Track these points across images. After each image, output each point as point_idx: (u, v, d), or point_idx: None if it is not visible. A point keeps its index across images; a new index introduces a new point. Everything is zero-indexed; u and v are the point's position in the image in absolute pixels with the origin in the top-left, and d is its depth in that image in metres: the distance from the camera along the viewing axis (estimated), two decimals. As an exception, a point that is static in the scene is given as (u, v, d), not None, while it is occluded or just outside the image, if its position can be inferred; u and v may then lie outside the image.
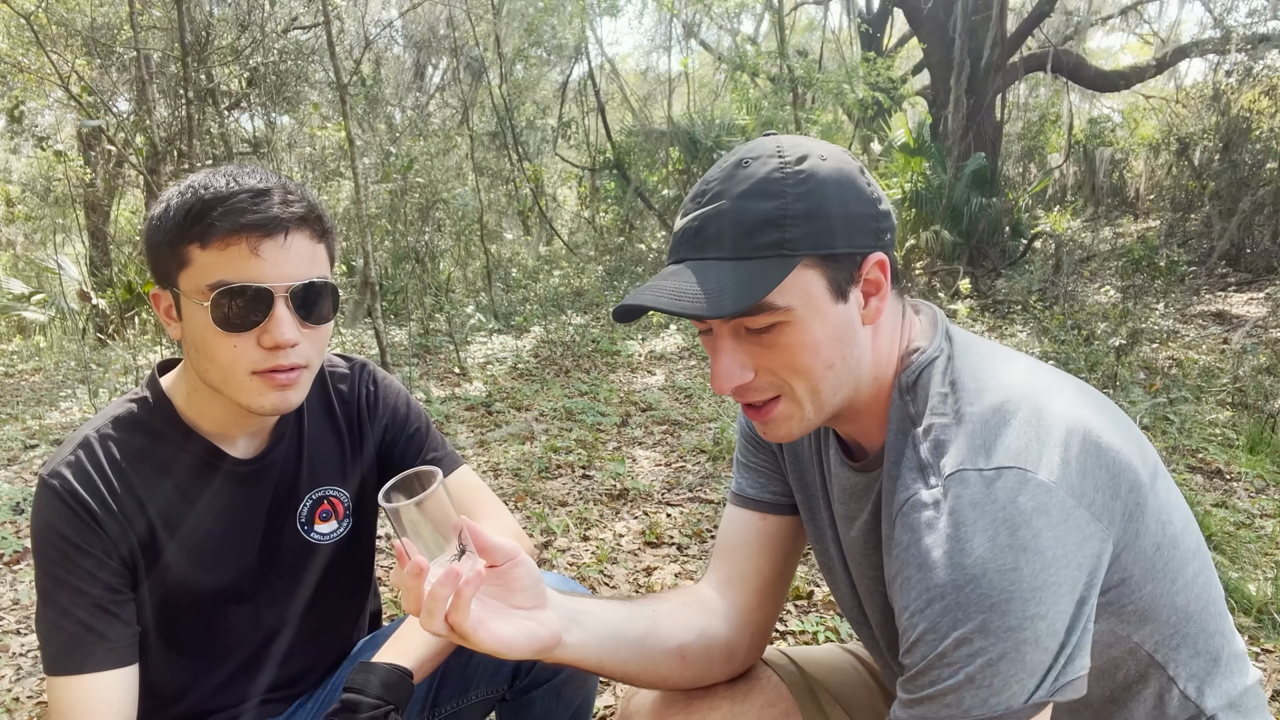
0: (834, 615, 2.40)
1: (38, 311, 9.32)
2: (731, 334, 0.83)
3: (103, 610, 1.03)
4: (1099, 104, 15.86)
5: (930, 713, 0.73)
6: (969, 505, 0.73)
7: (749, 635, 1.06)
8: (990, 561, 0.70)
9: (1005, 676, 0.70)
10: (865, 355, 0.85)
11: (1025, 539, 0.71)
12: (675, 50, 14.22)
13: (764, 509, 1.08)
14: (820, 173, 0.81)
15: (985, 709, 0.71)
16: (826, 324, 0.81)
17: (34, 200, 12.71)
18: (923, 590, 0.73)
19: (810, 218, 0.79)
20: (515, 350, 7.13)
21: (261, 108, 9.36)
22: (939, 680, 0.72)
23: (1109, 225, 12.00)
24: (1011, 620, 0.69)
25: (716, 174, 0.83)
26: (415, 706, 1.22)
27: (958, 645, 0.71)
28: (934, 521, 0.75)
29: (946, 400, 0.82)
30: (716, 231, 0.81)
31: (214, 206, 0.96)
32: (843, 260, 0.81)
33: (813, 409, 0.85)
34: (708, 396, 5.24)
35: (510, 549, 0.84)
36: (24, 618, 2.55)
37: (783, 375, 0.83)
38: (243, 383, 1.02)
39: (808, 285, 0.80)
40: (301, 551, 1.20)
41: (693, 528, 3.13)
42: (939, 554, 0.73)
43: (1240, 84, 9.94)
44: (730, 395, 0.85)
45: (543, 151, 14.05)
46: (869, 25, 12.43)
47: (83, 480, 1.03)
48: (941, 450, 0.78)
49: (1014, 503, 0.72)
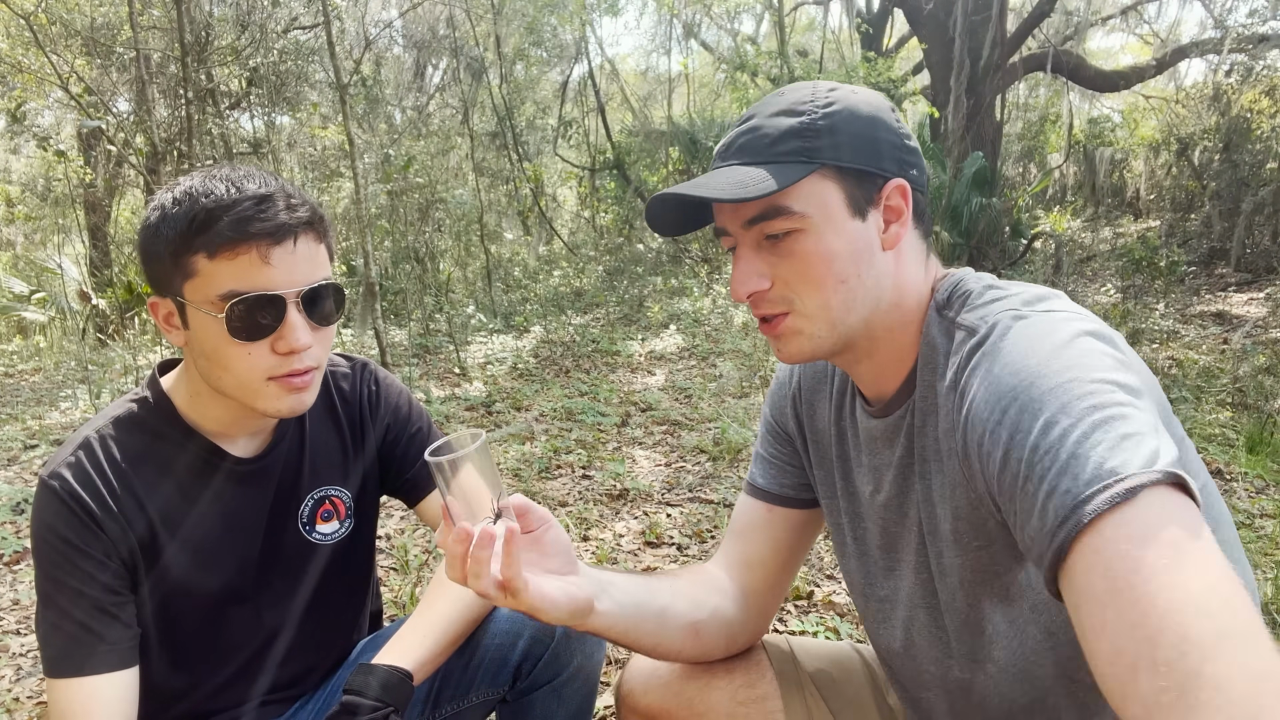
0: (834, 615, 2.40)
1: (38, 311, 9.32)
2: (753, 242, 0.87)
3: (102, 612, 1.02)
4: (1099, 104, 15.86)
5: (1056, 506, 0.65)
6: (1020, 327, 0.76)
7: (753, 618, 1.10)
8: (1054, 357, 0.71)
9: (1108, 443, 0.64)
10: (885, 280, 0.87)
11: (1083, 344, 0.72)
12: (675, 50, 14.22)
13: (773, 500, 1.10)
14: (848, 100, 0.86)
15: (1101, 475, 0.63)
16: (841, 238, 0.85)
17: (34, 200, 12.71)
18: (995, 404, 0.73)
19: (832, 132, 0.84)
20: (515, 350, 7.12)
21: (261, 108, 9.36)
22: (1046, 473, 0.66)
23: (1109, 225, 12.01)
24: (1092, 399, 0.67)
25: (760, 103, 0.90)
26: (415, 708, 1.22)
27: (1046, 431, 0.67)
28: (990, 351, 0.77)
29: (988, 291, 0.85)
30: (745, 143, 0.87)
31: (219, 216, 0.95)
32: (863, 179, 0.85)
33: (824, 326, 0.87)
34: (708, 397, 5.24)
35: (543, 513, 0.86)
36: (24, 618, 2.55)
37: (795, 286, 0.86)
38: (260, 389, 1.02)
39: (825, 196, 0.84)
40: (302, 551, 1.20)
41: (693, 528, 3.13)
42: (999, 369, 0.74)
43: (1240, 84, 9.94)
44: (747, 304, 0.89)
45: (543, 151, 14.06)
46: (869, 25, 12.43)
47: (83, 481, 1.03)
48: (984, 316, 0.81)
49: (1065, 322, 0.75)
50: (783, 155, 0.84)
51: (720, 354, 6.55)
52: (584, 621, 0.87)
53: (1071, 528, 0.62)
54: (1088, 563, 0.62)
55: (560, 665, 1.20)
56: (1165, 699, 0.54)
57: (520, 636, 1.19)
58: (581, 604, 0.85)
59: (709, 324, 7.78)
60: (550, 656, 1.19)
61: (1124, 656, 0.57)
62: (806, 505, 1.10)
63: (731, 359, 6.27)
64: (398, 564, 2.84)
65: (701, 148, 11.76)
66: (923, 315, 0.89)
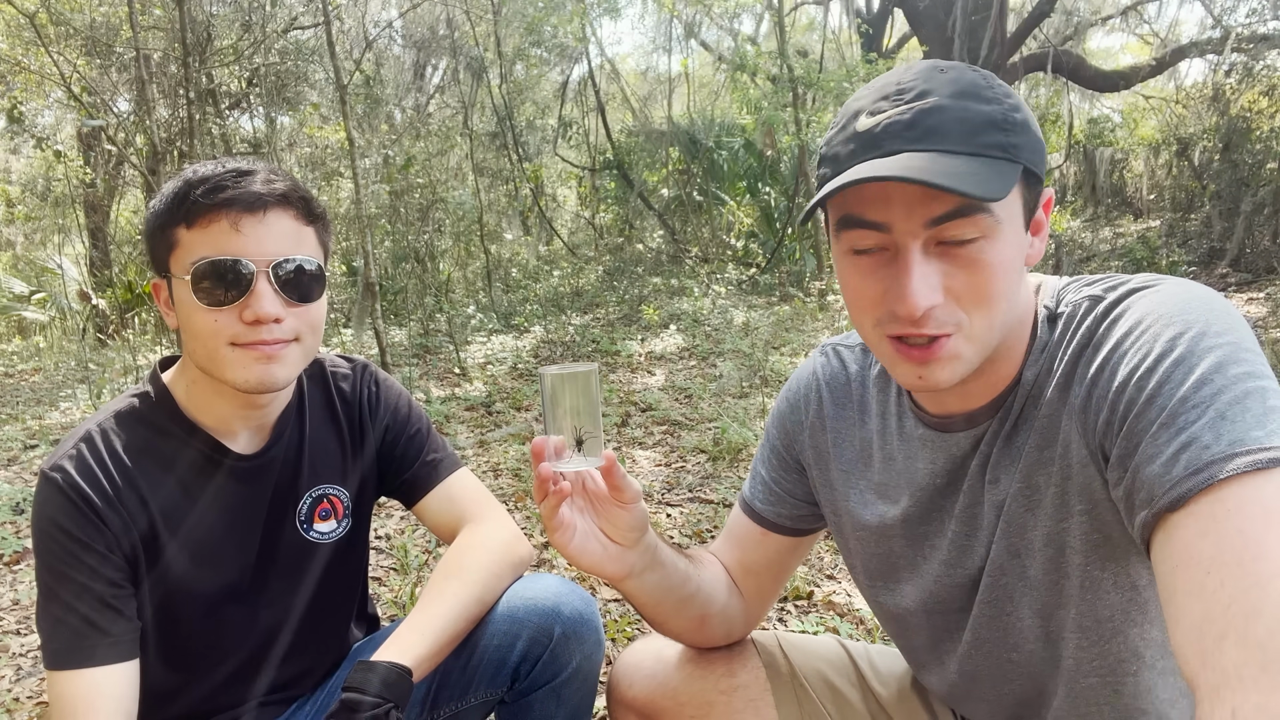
0: (834, 615, 2.40)
1: (38, 311, 9.32)
2: (923, 248, 0.74)
3: (105, 605, 1.03)
4: (1099, 104, 15.84)
5: (1190, 457, 0.64)
6: (1164, 286, 0.74)
7: (745, 618, 1.14)
8: (1212, 315, 0.69)
9: (1256, 412, 0.63)
10: (1021, 300, 0.80)
11: (1235, 313, 0.71)
12: (675, 50, 14.22)
13: (769, 527, 1.10)
14: (1014, 93, 0.77)
15: (1247, 440, 0.62)
16: (1016, 250, 0.76)
17: (34, 200, 12.71)
18: (1147, 349, 0.70)
19: (1025, 129, 0.74)
20: (515, 350, 7.12)
21: (262, 108, 9.36)
22: (1189, 425, 0.65)
23: (1109, 225, 12.01)
24: (1247, 365, 0.66)
25: (911, 76, 0.76)
26: (414, 709, 1.22)
27: (1199, 386, 0.65)
28: (1131, 306, 0.74)
29: (1097, 283, 0.81)
30: (938, 124, 0.72)
31: (198, 186, 0.99)
32: (1034, 187, 0.77)
33: (980, 350, 0.78)
34: (708, 397, 5.24)
35: (630, 494, 0.89)
36: (24, 618, 2.55)
37: (968, 303, 0.75)
38: (225, 355, 1.02)
39: (1013, 202, 0.75)
40: (300, 550, 1.20)
41: (693, 528, 3.13)
42: (1150, 319, 0.71)
43: (1240, 84, 9.93)
44: (908, 324, 0.75)
45: (543, 151, 14.04)
46: (869, 25, 12.42)
47: (85, 474, 1.03)
48: (1110, 287, 0.78)
49: (1211, 291, 0.73)
50: (988, 148, 0.72)
51: (720, 354, 6.55)
52: (613, 584, 0.96)
53: (1202, 480, 0.62)
54: (1202, 526, 0.61)
55: (559, 665, 1.20)
56: (1246, 673, 0.54)
57: (519, 637, 1.18)
58: (608, 575, 0.93)
59: (709, 324, 7.78)
60: (549, 657, 1.19)
61: (1214, 625, 0.57)
62: (800, 534, 1.11)
63: (731, 359, 6.26)
64: (398, 564, 2.84)
65: (701, 148, 11.75)
66: (1031, 330, 0.83)
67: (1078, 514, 0.79)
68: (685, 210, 12.31)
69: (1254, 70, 9.73)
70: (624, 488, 0.88)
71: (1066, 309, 0.81)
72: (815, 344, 6.61)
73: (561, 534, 0.88)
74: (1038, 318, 0.83)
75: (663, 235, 12.50)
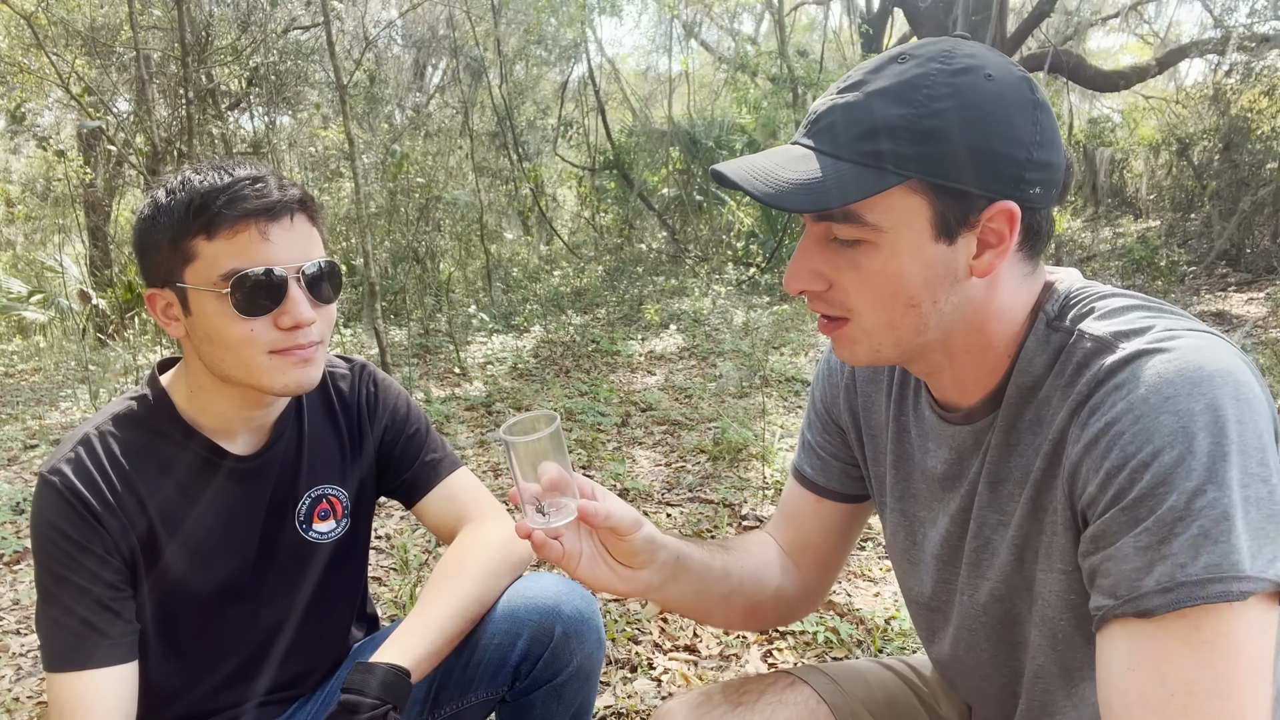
0: (834, 615, 2.40)
1: (38, 311, 9.32)
2: (819, 237, 0.77)
3: (104, 607, 1.03)
4: (1099, 104, 15.84)
5: (1163, 573, 0.63)
6: (1175, 357, 0.67)
7: (806, 596, 1.10)
8: (1217, 414, 0.64)
9: (1241, 532, 0.62)
10: (968, 307, 0.78)
11: (1247, 394, 0.66)
12: (675, 50, 14.22)
13: (821, 494, 1.08)
14: (972, 94, 0.71)
15: (1223, 567, 0.62)
16: (917, 260, 0.74)
17: (34, 200, 12.71)
18: (1141, 443, 0.66)
19: (933, 139, 0.71)
20: (515, 350, 7.12)
21: (262, 108, 9.36)
22: (1172, 536, 0.63)
23: (1109, 225, 12.00)
24: (1241, 473, 0.63)
25: (872, 64, 0.76)
26: (415, 708, 1.22)
27: (1194, 496, 0.63)
28: (1138, 374, 0.68)
29: (1114, 299, 0.77)
30: (830, 124, 0.75)
31: (215, 197, 0.98)
32: (961, 198, 0.73)
33: (887, 343, 0.79)
34: (708, 397, 5.24)
35: (625, 527, 0.85)
36: (24, 618, 2.55)
37: (855, 299, 0.77)
38: (263, 364, 1.02)
39: (909, 210, 0.73)
40: (299, 550, 1.20)
41: (693, 528, 3.13)
42: (1157, 401, 0.66)
43: (1240, 84, 9.93)
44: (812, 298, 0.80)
45: (543, 151, 14.03)
46: (869, 25, 12.43)
47: (83, 477, 1.03)
48: (1122, 330, 0.73)
49: (1229, 360, 0.67)
50: (868, 157, 0.72)
51: (720, 354, 6.55)
52: (636, 596, 0.94)
53: (1172, 601, 0.63)
54: (1171, 647, 0.63)
55: (560, 665, 1.20)
56: None
57: (519, 636, 1.18)
58: (621, 593, 0.91)
59: (709, 324, 7.78)
60: (550, 656, 1.19)
61: None
62: (856, 500, 1.07)
63: (731, 359, 6.26)
64: (397, 564, 2.84)
65: (701, 147, 11.75)
66: (1020, 332, 0.80)
67: (1058, 571, 0.80)
68: (685, 210, 12.31)
69: (1254, 70, 9.73)
70: (610, 527, 0.85)
71: (1068, 327, 0.78)
72: (815, 344, 6.61)
73: (567, 561, 0.87)
74: (1037, 318, 0.81)
75: (663, 235, 12.50)
